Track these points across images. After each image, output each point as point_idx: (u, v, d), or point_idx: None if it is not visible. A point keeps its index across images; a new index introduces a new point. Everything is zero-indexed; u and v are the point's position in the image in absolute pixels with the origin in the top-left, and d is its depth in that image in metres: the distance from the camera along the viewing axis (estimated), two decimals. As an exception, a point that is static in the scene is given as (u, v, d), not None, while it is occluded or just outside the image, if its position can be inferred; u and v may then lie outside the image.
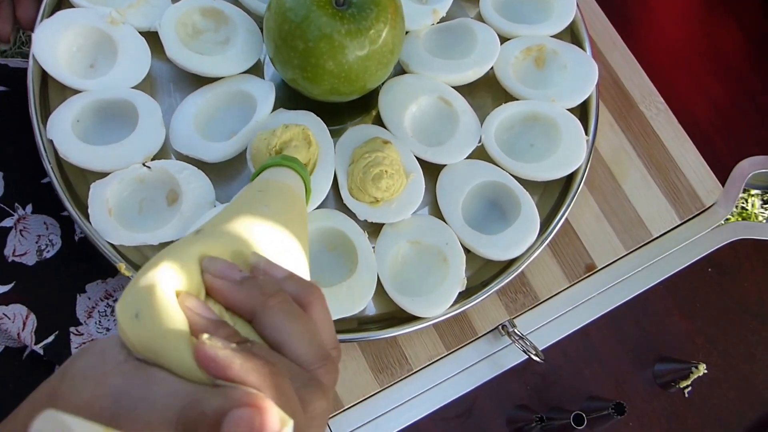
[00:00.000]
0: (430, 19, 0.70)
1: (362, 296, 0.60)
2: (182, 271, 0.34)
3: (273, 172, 0.53)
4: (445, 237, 0.63)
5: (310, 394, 0.33)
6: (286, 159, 0.55)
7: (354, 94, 0.64)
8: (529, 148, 0.69)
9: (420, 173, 0.65)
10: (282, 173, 0.53)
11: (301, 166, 0.55)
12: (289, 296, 0.36)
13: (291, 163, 0.54)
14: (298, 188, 0.52)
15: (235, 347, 0.31)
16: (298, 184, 0.53)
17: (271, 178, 0.52)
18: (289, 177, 0.53)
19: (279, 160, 0.54)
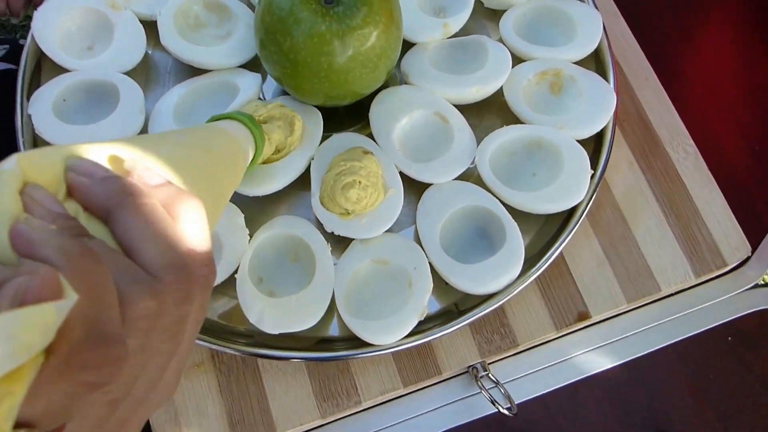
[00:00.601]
0: (440, 33, 0.68)
1: (311, 313, 0.57)
2: (41, 165, 0.32)
3: (221, 123, 0.52)
4: (416, 260, 0.59)
5: (135, 293, 0.29)
6: (238, 113, 0.54)
7: (343, 98, 0.62)
8: (531, 178, 0.64)
9: (400, 190, 0.61)
10: (230, 125, 0.52)
11: (254, 123, 0.54)
12: (158, 202, 0.33)
13: (242, 116, 0.53)
14: (240, 138, 0.51)
15: (55, 230, 0.28)
16: (243, 135, 0.52)
17: (217, 123, 0.52)
18: (236, 129, 0.52)
19: (230, 113, 0.54)
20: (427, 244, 0.60)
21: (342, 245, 0.62)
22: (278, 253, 0.61)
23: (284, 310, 0.57)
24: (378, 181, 0.61)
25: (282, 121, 0.61)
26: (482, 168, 0.63)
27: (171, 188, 0.34)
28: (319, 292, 0.58)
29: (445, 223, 0.61)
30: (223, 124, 0.52)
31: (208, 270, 0.34)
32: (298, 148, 0.62)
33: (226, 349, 0.58)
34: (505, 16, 0.71)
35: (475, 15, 0.72)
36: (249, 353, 0.58)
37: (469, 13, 0.69)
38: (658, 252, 0.65)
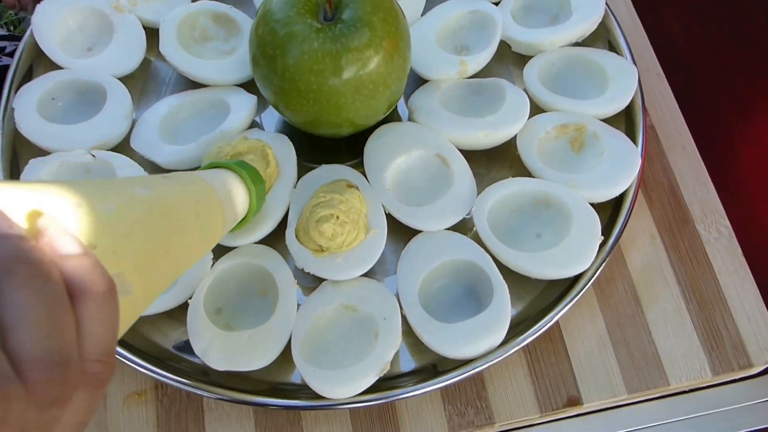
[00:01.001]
0: (455, 71, 0.65)
1: (263, 353, 0.52)
2: None
3: (215, 173, 0.49)
4: (387, 311, 0.54)
5: None
6: (240, 165, 0.51)
7: (337, 127, 0.58)
8: (534, 239, 0.59)
9: (383, 232, 0.57)
10: (224, 176, 0.49)
11: (255, 178, 0.51)
12: (58, 276, 0.28)
13: (241, 170, 0.51)
14: (229, 195, 0.48)
15: None
16: (234, 191, 0.49)
17: (203, 175, 0.47)
18: (228, 183, 0.49)
19: (229, 162, 0.51)
20: (404, 296, 0.55)
21: (314, 284, 0.57)
22: (243, 284, 0.57)
23: (234, 345, 0.53)
24: (359, 219, 0.56)
25: (254, 154, 0.58)
26: (479, 220, 0.57)
27: (85, 261, 0.29)
28: (275, 331, 0.53)
29: (429, 275, 0.56)
30: (217, 175, 0.49)
31: (102, 367, 0.29)
32: (278, 182, 0.59)
33: (171, 381, 0.54)
34: (531, 62, 0.66)
35: (499, 58, 0.68)
36: (193, 387, 0.54)
37: (491, 54, 0.66)
38: (672, 341, 0.57)
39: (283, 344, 0.53)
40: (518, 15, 0.70)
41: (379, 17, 0.54)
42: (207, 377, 0.54)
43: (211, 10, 0.68)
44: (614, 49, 0.68)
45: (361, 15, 0.53)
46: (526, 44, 0.67)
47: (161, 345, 0.57)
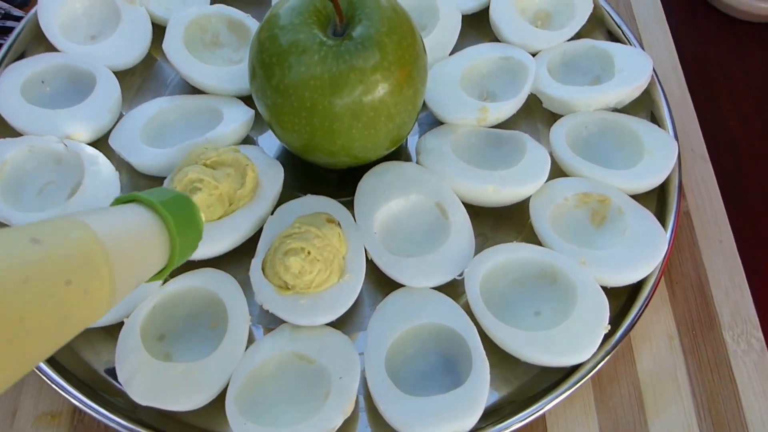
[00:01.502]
0: (473, 117, 0.59)
1: (194, 394, 0.46)
2: None
3: (118, 215, 0.39)
4: (345, 369, 0.47)
5: None
6: (167, 202, 0.41)
7: (332, 155, 0.53)
8: (532, 316, 0.52)
9: (359, 278, 0.51)
10: (131, 219, 0.39)
11: (184, 219, 0.42)
12: None
13: (162, 209, 0.40)
14: (120, 250, 0.36)
15: None
16: (148, 243, 0.39)
17: (94, 221, 0.36)
18: (137, 228, 0.39)
19: (149, 197, 0.41)
20: (369, 356, 0.48)
21: (273, 325, 0.52)
22: (194, 312, 0.52)
23: (164, 379, 0.47)
24: (335, 259, 0.51)
25: (233, 169, 0.54)
26: (471, 285, 0.51)
27: None
28: (213, 370, 0.47)
29: (402, 337, 0.49)
30: (119, 217, 0.39)
31: None
32: (247, 206, 0.54)
33: (88, 410, 0.48)
34: (561, 120, 0.61)
35: (526, 112, 0.63)
36: (112, 421, 0.48)
37: (518, 105, 0.61)
38: (676, 462, 0.50)
39: (220, 386, 0.47)
40: (556, 70, 0.65)
41: (393, 40, 0.50)
42: (134, 413, 0.49)
43: (226, 16, 0.65)
44: (656, 121, 0.62)
45: (373, 34, 0.49)
46: (559, 101, 0.62)
47: (91, 365, 0.51)
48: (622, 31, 0.67)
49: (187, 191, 0.52)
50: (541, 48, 0.65)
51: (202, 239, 0.47)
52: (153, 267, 0.41)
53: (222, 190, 0.52)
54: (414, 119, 0.55)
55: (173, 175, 0.54)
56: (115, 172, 0.56)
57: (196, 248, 0.45)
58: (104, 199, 0.54)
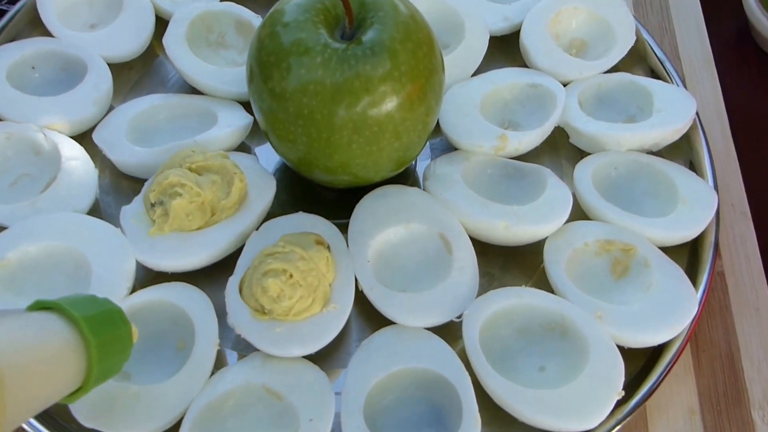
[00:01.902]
0: (491, 145, 0.55)
1: (144, 422, 0.42)
2: None
3: (20, 325, 0.34)
4: (317, 411, 0.42)
5: None
6: (87, 308, 0.37)
7: (331, 173, 0.49)
8: (536, 372, 0.47)
9: (345, 310, 0.46)
10: (34, 332, 0.34)
11: (105, 329, 0.37)
12: None
13: (78, 317, 0.35)
14: (17, 370, 0.31)
15: None
16: (55, 361, 0.34)
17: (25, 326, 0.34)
18: (41, 343, 0.34)
19: (62, 305, 0.36)
20: (347, 398, 0.43)
21: (246, 351, 0.48)
22: (160, 329, 0.47)
23: (114, 400, 0.42)
24: (319, 286, 0.46)
25: (220, 176, 0.50)
26: (469, 330, 0.46)
27: None
28: (169, 397, 0.43)
29: (386, 381, 0.44)
30: (26, 322, 0.34)
31: None
32: (231, 219, 0.50)
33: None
34: (589, 158, 0.56)
35: (551, 146, 0.59)
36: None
37: (542, 138, 0.56)
38: None
39: (175, 416, 0.43)
40: (588, 103, 0.60)
41: (407, 48, 0.46)
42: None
43: (235, 15, 0.61)
44: (695, 169, 0.57)
45: (385, 39, 0.45)
46: (589, 137, 0.57)
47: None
48: (665, 69, 0.62)
49: (166, 196, 0.48)
50: (573, 78, 0.61)
51: (180, 250, 0.43)
52: (61, 390, 0.35)
53: (204, 198, 0.48)
54: (424, 141, 0.51)
55: (154, 177, 0.50)
56: (93, 170, 0.53)
57: (119, 371, 0.39)
58: (78, 197, 0.51)
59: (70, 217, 0.49)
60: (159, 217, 0.49)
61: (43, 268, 0.48)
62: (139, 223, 0.49)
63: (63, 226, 0.48)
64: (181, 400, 0.43)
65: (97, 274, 0.47)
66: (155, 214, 0.49)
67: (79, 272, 0.47)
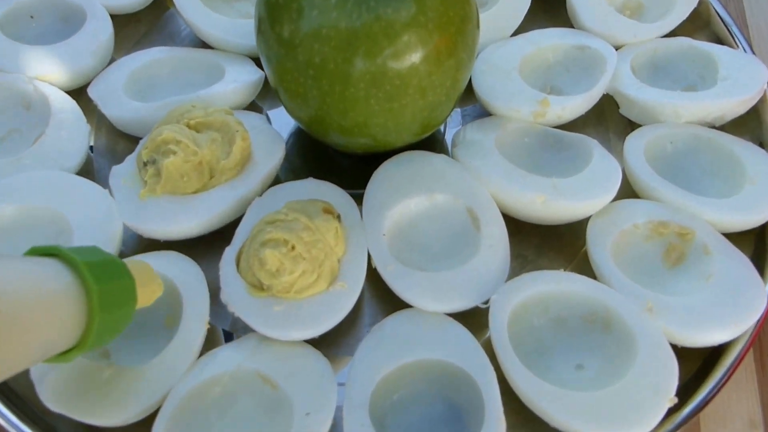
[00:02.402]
0: (529, 110, 0.48)
1: (115, 408, 0.36)
2: None
3: (46, 267, 0.30)
4: (316, 404, 0.36)
5: None
6: (96, 263, 0.32)
7: (348, 135, 0.43)
8: (572, 370, 0.40)
9: (355, 290, 0.40)
10: (34, 276, 0.30)
11: (100, 274, 0.31)
12: None
13: (85, 270, 0.31)
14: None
15: None
16: (50, 309, 0.29)
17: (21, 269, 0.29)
18: (38, 288, 0.29)
19: (70, 254, 0.31)
20: (351, 392, 0.37)
21: (241, 332, 0.42)
22: (153, 309, 0.40)
23: (85, 382, 0.36)
24: (326, 261, 0.40)
25: (221, 134, 0.44)
26: (497, 318, 0.39)
27: None
28: (148, 380, 0.37)
29: (396, 374, 0.38)
30: (22, 265, 0.30)
31: None
32: (231, 182, 0.44)
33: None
34: (641, 130, 0.49)
35: (597, 115, 0.52)
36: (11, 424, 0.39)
37: (589, 105, 0.49)
38: None
39: (153, 402, 0.36)
40: (642, 69, 0.53)
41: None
42: (43, 421, 0.39)
43: (252, -36, 0.55)
44: (765, 146, 0.49)
45: (410, -21, 0.39)
46: (642, 107, 0.50)
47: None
48: (732, 34, 0.55)
49: (159, 154, 0.43)
50: (626, 42, 0.54)
51: (173, 215, 0.38)
52: (56, 342, 0.30)
53: (202, 157, 0.42)
54: (453, 102, 0.44)
55: (149, 134, 0.44)
56: (86, 125, 0.47)
57: (120, 332, 0.34)
58: (67, 155, 0.45)
59: (53, 175, 0.44)
60: (151, 178, 0.43)
61: (21, 232, 0.42)
62: (130, 184, 0.43)
63: (45, 186, 0.43)
64: (161, 385, 0.37)
65: (79, 238, 0.41)
66: (147, 174, 0.43)
67: (60, 237, 0.42)
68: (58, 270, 0.31)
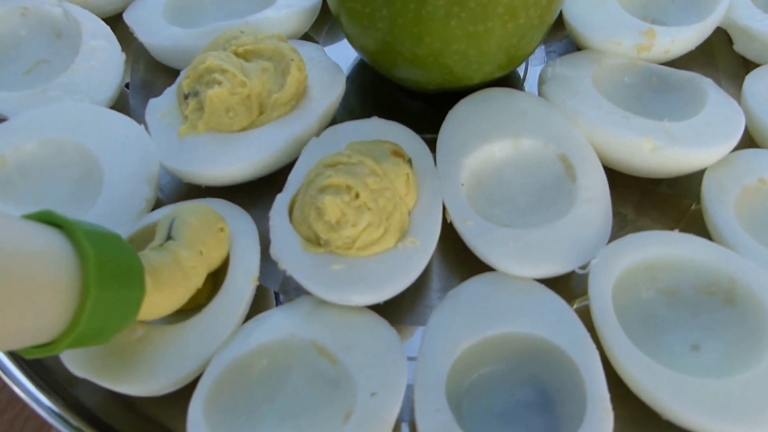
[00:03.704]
0: (634, 43, 0.39)
1: (147, 375, 0.29)
2: None
3: (37, 232, 0.24)
4: (383, 383, 0.29)
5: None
6: (97, 236, 0.26)
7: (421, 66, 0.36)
8: (687, 350, 0.32)
9: (429, 247, 0.32)
10: (49, 247, 0.24)
11: (115, 261, 0.26)
12: None
13: (83, 239, 0.25)
14: None
15: None
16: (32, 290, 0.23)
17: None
18: (24, 260, 0.23)
19: (68, 220, 0.25)
20: (424, 369, 0.30)
21: (293, 295, 0.35)
22: None
23: (114, 346, 0.30)
24: (395, 211, 0.32)
25: (272, 63, 0.36)
26: (598, 285, 0.31)
27: None
28: (185, 346, 0.30)
29: (477, 349, 0.30)
30: (9, 227, 0.24)
31: None
32: (284, 119, 0.36)
33: (12, 384, 0.33)
34: (761, 70, 0.40)
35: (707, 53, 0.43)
36: (37, 402, 0.32)
37: (699, 38, 0.40)
38: None
39: (190, 372, 0.30)
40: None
41: None
42: (66, 390, 0.32)
43: None
44: None
45: None
46: (763, 42, 0.41)
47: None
48: None
49: (202, 84, 0.35)
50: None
51: (217, 156, 0.32)
52: (33, 329, 0.23)
53: (251, 90, 0.35)
54: (545, 28, 0.36)
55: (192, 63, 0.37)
56: (120, 54, 0.41)
57: (128, 322, 0.27)
58: (98, 87, 0.39)
59: (82, 107, 0.37)
60: (192, 113, 0.36)
61: (45, 171, 0.35)
62: (169, 120, 0.36)
63: (73, 119, 0.36)
64: (201, 350, 0.30)
65: (110, 180, 0.34)
66: (188, 108, 0.36)
67: (88, 178, 0.35)
68: (52, 239, 0.24)
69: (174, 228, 0.31)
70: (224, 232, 0.32)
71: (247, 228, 0.34)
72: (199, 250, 0.30)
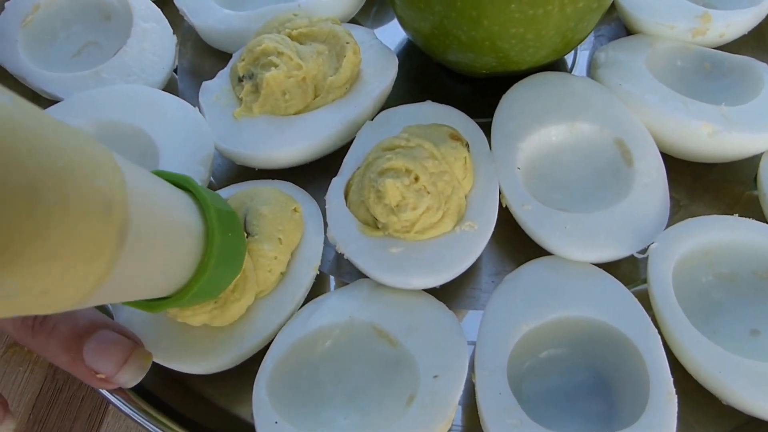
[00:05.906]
0: (689, 27, 0.37)
1: (192, 356, 0.29)
2: None
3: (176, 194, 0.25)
4: (444, 365, 0.28)
5: None
6: (225, 212, 0.27)
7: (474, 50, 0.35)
8: (746, 335, 0.31)
9: (486, 231, 0.31)
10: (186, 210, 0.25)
11: (229, 239, 0.27)
12: None
13: (207, 201, 0.26)
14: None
15: None
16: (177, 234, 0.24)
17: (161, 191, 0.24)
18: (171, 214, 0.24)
19: (191, 181, 0.26)
20: (484, 353, 0.29)
21: (347, 279, 0.35)
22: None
23: (172, 326, 0.31)
24: (453, 195, 0.31)
25: (327, 46, 0.36)
26: (658, 270, 0.31)
27: None
28: (244, 326, 0.30)
29: (537, 332, 0.30)
30: (162, 186, 0.25)
31: None
32: (339, 102, 0.36)
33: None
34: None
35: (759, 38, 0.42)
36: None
37: (754, 22, 0.39)
38: None
39: (248, 351, 0.30)
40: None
41: None
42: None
43: None
44: None
45: None
46: (816, 27, 0.40)
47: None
48: None
49: (258, 67, 0.35)
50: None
51: (272, 139, 0.32)
52: (164, 283, 0.24)
53: (306, 73, 0.34)
54: (603, 11, 0.35)
55: (247, 45, 0.36)
56: (172, 36, 0.40)
57: (217, 294, 0.28)
58: (150, 69, 0.38)
59: (137, 89, 0.36)
60: (248, 95, 0.35)
61: (100, 152, 0.35)
62: (223, 102, 0.36)
63: (127, 101, 0.35)
64: (259, 332, 0.30)
65: (166, 163, 0.33)
66: (243, 90, 0.35)
67: (144, 160, 0.34)
68: (186, 203, 0.25)
69: (248, 224, 0.30)
70: (298, 212, 0.32)
71: (313, 211, 0.34)
72: (278, 239, 0.30)
